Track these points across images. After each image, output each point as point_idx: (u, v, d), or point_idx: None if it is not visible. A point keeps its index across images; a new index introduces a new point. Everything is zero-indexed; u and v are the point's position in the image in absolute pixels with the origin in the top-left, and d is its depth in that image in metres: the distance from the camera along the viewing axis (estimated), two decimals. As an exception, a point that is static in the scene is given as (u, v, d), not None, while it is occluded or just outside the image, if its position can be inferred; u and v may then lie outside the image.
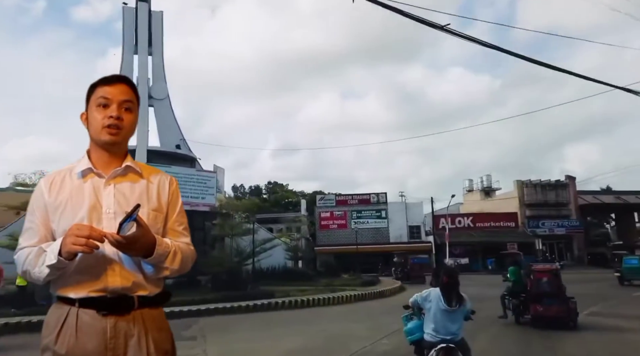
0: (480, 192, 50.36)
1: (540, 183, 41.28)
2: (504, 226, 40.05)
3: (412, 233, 41.55)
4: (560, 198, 41.10)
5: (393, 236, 41.15)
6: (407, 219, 41.46)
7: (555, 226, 39.73)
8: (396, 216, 41.39)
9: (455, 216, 41.07)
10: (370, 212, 41.83)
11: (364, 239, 41.21)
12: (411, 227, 41.61)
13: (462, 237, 39.27)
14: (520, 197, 41.03)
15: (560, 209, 41.01)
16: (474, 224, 40.41)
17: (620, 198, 46.05)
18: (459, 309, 4.04)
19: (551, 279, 9.34)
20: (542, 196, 40.93)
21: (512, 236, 39.03)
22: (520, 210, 40.71)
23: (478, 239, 38.87)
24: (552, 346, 7.55)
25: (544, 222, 39.86)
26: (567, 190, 41.37)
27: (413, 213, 41.54)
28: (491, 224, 40.19)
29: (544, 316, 9.00)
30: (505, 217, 40.21)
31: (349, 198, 42.27)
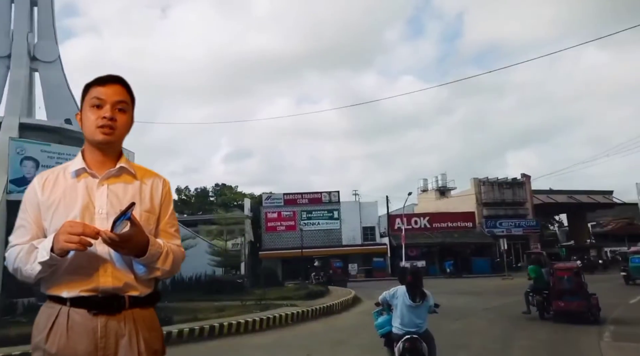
0: (436, 191, 48.50)
1: (497, 181, 39.72)
2: (461, 226, 38.03)
3: (366, 235, 38.64)
4: (517, 197, 39.73)
5: (346, 238, 38.04)
6: (361, 220, 38.50)
7: (513, 226, 38.21)
8: (349, 217, 38.33)
9: (411, 216, 38.61)
10: (321, 212, 38.48)
11: (315, 241, 37.77)
12: (365, 228, 38.68)
13: (418, 238, 36.79)
14: (477, 195, 39.24)
15: (517, 208, 39.63)
16: (431, 225, 38.11)
17: (572, 197, 45.68)
18: (423, 304, 4.46)
19: (572, 276, 9.76)
20: (499, 195, 39.36)
21: (469, 237, 37.04)
22: (477, 209, 38.90)
23: (435, 240, 36.54)
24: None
25: (502, 222, 38.24)
26: (523, 189, 40.10)
27: (367, 213, 38.65)
28: (448, 224, 38.05)
29: (565, 312, 9.50)
30: (463, 217, 38.22)
31: (299, 197, 38.71)
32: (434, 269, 35.47)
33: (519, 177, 40.50)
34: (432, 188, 49.39)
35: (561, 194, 45.67)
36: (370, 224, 38.70)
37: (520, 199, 39.77)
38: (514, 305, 12.54)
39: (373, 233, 38.73)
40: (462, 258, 35.35)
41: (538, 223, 39.70)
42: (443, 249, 35.88)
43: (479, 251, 36.00)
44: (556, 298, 9.68)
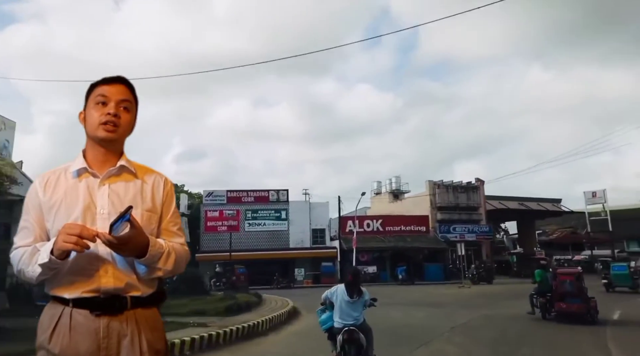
0: (389, 194, 46.81)
1: (452, 185, 38.43)
2: (415, 230, 36.29)
3: (316, 237, 36.01)
4: (471, 202, 38.63)
5: (294, 241, 35.20)
6: (310, 221, 35.83)
7: (466, 231, 36.97)
8: (298, 218, 35.55)
9: (363, 219, 36.42)
10: (268, 212, 35.43)
11: (260, 243, 34.67)
12: (315, 230, 36.06)
13: (370, 242, 34.61)
14: (431, 199, 37.72)
15: (471, 213, 38.52)
16: (384, 228, 36.07)
17: (523, 204, 45.51)
18: (359, 300, 4.91)
19: (574, 281, 10.50)
20: (453, 199, 38.06)
21: (422, 242, 35.34)
22: (431, 213, 37.36)
23: (387, 245, 34.50)
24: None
25: (455, 227, 36.90)
26: (477, 193, 39.08)
27: (317, 215, 36.04)
28: (401, 228, 36.18)
29: (567, 313, 10.38)
30: (416, 220, 36.51)
31: (244, 195, 35.44)
32: (385, 275, 33.40)
33: (474, 181, 39.46)
34: (386, 191, 47.71)
35: (512, 200, 45.38)
36: (320, 226, 36.13)
37: (474, 204, 38.70)
38: (486, 323, 10.24)
39: (323, 236, 36.17)
40: (414, 264, 33.54)
41: (491, 229, 38.78)
42: (395, 254, 33.92)
43: (432, 256, 34.38)
44: (559, 300, 10.47)
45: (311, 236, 35.76)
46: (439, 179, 38.39)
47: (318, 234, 36.14)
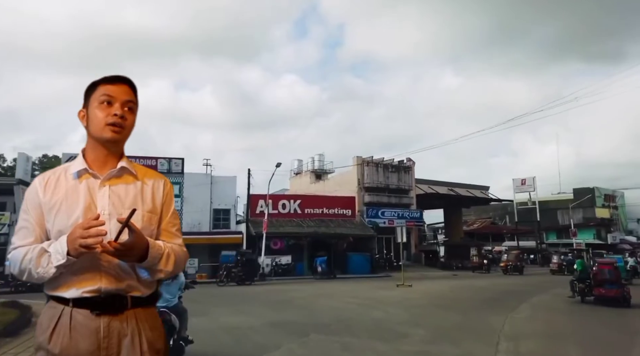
0: (311, 174, 40.93)
1: (382, 162, 33.38)
2: (339, 214, 30.69)
3: (218, 219, 28.87)
4: (402, 183, 33.97)
5: (189, 223, 27.73)
6: (211, 199, 28.57)
7: (396, 216, 32.22)
8: (196, 195, 28.11)
9: (279, 198, 29.97)
10: (155, 185, 27.47)
11: (142, 226, 26.60)
12: (217, 211, 28.89)
13: (286, 226, 28.35)
14: (359, 178, 32.36)
15: (402, 196, 33.89)
16: (302, 210, 29.97)
17: (453, 190, 42.30)
18: (173, 282, 5.16)
19: (612, 269, 12.11)
20: (383, 179, 33.07)
21: (348, 227, 29.86)
22: (358, 195, 32.02)
23: (306, 230, 28.47)
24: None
25: (384, 211, 31.96)
26: (409, 174, 34.54)
27: (221, 192, 28.89)
28: (324, 210, 30.35)
29: (604, 297, 11.78)
30: (341, 202, 30.94)
31: (123, 162, 27.10)
32: (301, 266, 27.36)
33: (405, 161, 34.84)
34: (308, 170, 41.75)
35: (442, 185, 41.96)
36: (224, 206, 29.03)
37: (405, 186, 34.11)
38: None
39: (227, 218, 29.13)
40: (336, 254, 27.95)
41: (422, 214, 34.50)
42: (315, 241, 28.03)
43: (357, 245, 29.01)
44: (597, 286, 12.00)
45: (212, 217, 28.57)
46: (368, 155, 33.13)
47: (221, 215, 29.03)
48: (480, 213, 59.77)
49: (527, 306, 11.38)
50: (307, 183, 39.93)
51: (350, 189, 32.36)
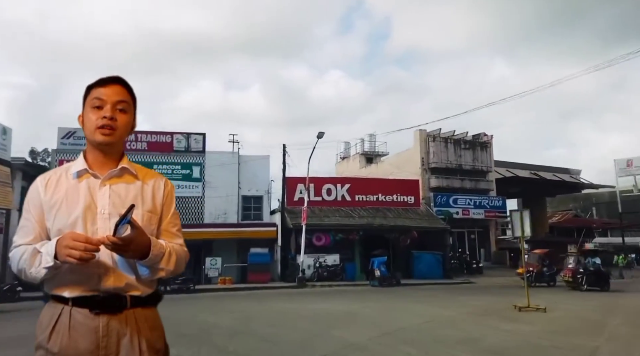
0: (360, 156, 34.63)
1: (452, 137, 26.46)
2: (399, 201, 24.24)
3: (248, 209, 23.30)
4: (478, 163, 26.87)
5: (212, 214, 22.43)
6: (239, 183, 23.03)
7: (472, 205, 25.27)
8: (221, 178, 22.70)
9: (322, 182, 23.89)
10: (170, 167, 22.36)
11: (156, 217, 21.49)
12: (247, 198, 23.33)
13: (332, 217, 22.31)
14: (423, 156, 25.66)
15: (478, 180, 26.81)
16: (352, 197, 23.78)
17: (536, 173, 34.41)
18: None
19: None
20: (454, 158, 26.16)
21: (410, 218, 23.33)
22: (422, 179, 25.36)
23: (358, 222, 22.29)
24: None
25: (456, 198, 25.10)
26: (487, 152, 27.35)
27: (252, 175, 23.29)
28: (379, 197, 24.00)
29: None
30: (402, 186, 24.46)
31: (130, 139, 22.09)
32: (352, 269, 21.21)
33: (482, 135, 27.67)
34: (357, 153, 35.50)
35: (521, 168, 34.18)
36: (255, 192, 23.41)
37: (482, 167, 26.98)
38: None
39: (259, 207, 23.49)
40: (397, 252, 21.57)
41: (505, 203, 27.22)
42: (369, 236, 21.80)
43: (424, 241, 22.42)
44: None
45: (240, 206, 23.03)
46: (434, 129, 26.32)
47: (251, 203, 23.44)
48: (557, 205, 50.80)
49: None
50: (356, 168, 33.73)
51: (411, 171, 25.77)
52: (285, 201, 22.65)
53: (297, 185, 22.92)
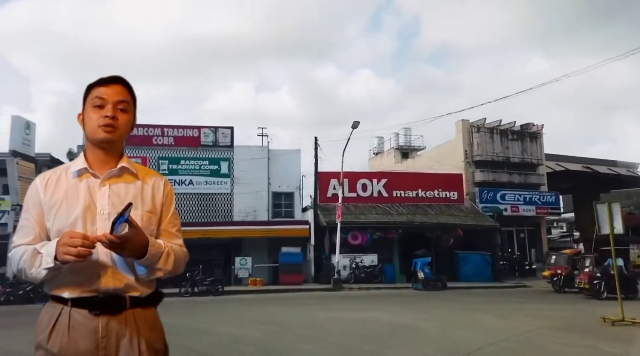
0: (395, 151, 32.82)
1: (499, 127, 24.34)
2: (441, 197, 22.40)
3: (278, 206, 22.04)
4: (528, 155, 24.63)
5: (241, 211, 21.29)
6: (269, 179, 21.79)
7: (522, 201, 23.10)
8: (250, 174, 21.53)
9: (357, 177, 22.30)
10: (198, 163, 21.37)
11: (183, 214, 20.75)
12: (277, 195, 22.07)
13: (368, 214, 20.73)
14: (466, 149, 23.68)
15: (528, 173, 24.57)
16: (390, 193, 22.10)
17: (588, 167, 31.62)
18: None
19: None
20: (501, 149, 24.03)
21: (454, 215, 21.45)
22: (465, 173, 23.40)
23: (396, 219, 20.61)
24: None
25: (504, 193, 22.99)
26: (537, 144, 25.05)
27: (282, 169, 22.01)
28: (419, 193, 22.22)
29: None
30: (443, 181, 22.63)
31: (156, 133, 21.27)
32: (391, 270, 19.58)
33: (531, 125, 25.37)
34: (392, 147, 33.70)
35: (572, 162, 31.46)
36: (286, 189, 22.12)
37: (532, 159, 24.71)
38: None
39: (290, 204, 22.18)
40: (440, 253, 19.77)
41: (558, 199, 24.83)
42: (409, 235, 20.10)
43: (470, 240, 20.50)
44: None
45: (270, 203, 21.78)
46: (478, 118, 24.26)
47: (282, 200, 22.17)
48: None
49: None
50: (390, 164, 31.93)
51: (453, 165, 23.82)
52: (317, 198, 21.24)
53: (330, 180, 21.48)
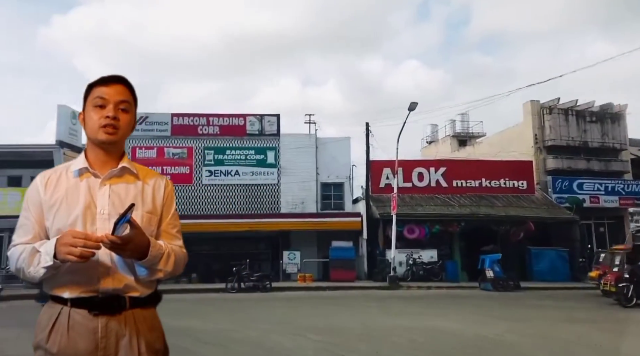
0: (452, 139, 30.56)
1: (575, 108, 21.59)
2: (508, 187, 20.16)
3: (328, 198, 20.74)
4: (609, 140, 21.70)
5: (288, 202, 20.21)
6: (317, 169, 20.52)
7: (603, 191, 20.34)
8: (297, 163, 20.37)
9: (413, 165, 20.51)
10: (244, 152, 20.48)
11: (229, 206, 20.09)
12: (326, 186, 20.77)
13: (426, 206, 18.96)
14: (536, 133, 21.17)
15: (609, 160, 21.67)
16: (449, 183, 20.16)
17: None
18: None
19: None
20: (577, 133, 21.30)
21: (524, 207, 19.18)
22: (536, 160, 20.93)
23: (458, 212, 18.68)
24: None
25: (582, 182, 20.33)
26: (619, 126, 22.02)
27: (331, 158, 20.66)
28: (482, 182, 20.11)
29: None
30: (510, 169, 20.37)
31: (202, 123, 20.58)
32: (453, 267, 17.74)
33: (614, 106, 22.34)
34: (448, 135, 31.44)
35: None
36: (335, 179, 20.76)
37: (614, 144, 21.76)
38: None
39: (340, 195, 20.82)
40: (508, 248, 17.62)
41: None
42: (472, 229, 18.12)
43: (543, 235, 18.19)
44: None
45: (319, 194, 20.53)
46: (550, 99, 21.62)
47: (331, 191, 20.84)
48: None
49: None
50: (446, 152, 29.69)
51: (520, 151, 21.40)
52: (369, 188, 19.72)
53: (382, 170, 19.89)
